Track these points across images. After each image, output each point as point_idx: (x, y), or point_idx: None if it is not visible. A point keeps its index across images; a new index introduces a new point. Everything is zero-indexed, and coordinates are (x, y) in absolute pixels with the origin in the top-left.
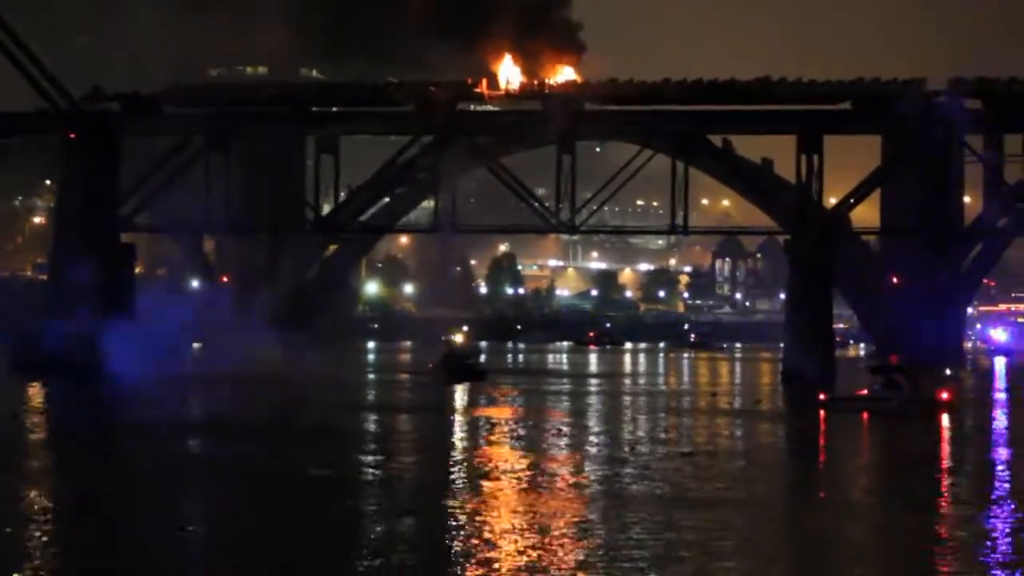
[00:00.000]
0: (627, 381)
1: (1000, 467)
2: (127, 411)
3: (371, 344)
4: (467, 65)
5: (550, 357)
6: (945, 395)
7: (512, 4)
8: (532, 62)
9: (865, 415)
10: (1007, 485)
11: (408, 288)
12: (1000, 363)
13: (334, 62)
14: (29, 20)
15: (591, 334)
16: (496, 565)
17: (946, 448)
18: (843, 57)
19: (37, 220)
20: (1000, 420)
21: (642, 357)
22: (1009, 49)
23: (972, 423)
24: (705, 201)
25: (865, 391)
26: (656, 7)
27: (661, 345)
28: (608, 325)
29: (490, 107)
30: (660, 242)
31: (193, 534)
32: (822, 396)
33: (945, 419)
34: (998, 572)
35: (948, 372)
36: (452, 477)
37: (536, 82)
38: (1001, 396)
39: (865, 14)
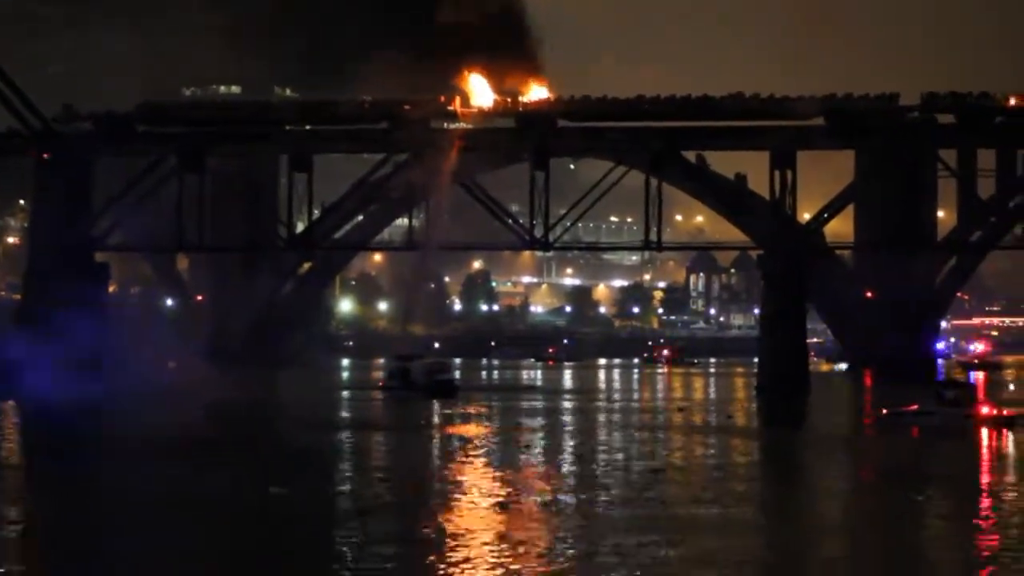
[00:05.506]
0: (601, 397)
1: None
2: None
3: (345, 362)
4: (432, 82)
5: (524, 373)
6: (989, 410)
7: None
8: (501, 77)
9: (915, 430)
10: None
11: (383, 305)
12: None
13: (307, 81)
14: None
15: (551, 350)
16: None
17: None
18: (816, 73)
19: (11, 240)
20: None
21: (616, 373)
22: (982, 64)
23: None
24: (679, 217)
25: (915, 406)
26: (628, 24)
27: (635, 361)
28: (566, 341)
29: (464, 124)
30: (634, 258)
31: None
32: (884, 411)
33: (1000, 436)
34: None
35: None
36: (416, 499)
37: (508, 99)
38: None
39: (838, 29)
